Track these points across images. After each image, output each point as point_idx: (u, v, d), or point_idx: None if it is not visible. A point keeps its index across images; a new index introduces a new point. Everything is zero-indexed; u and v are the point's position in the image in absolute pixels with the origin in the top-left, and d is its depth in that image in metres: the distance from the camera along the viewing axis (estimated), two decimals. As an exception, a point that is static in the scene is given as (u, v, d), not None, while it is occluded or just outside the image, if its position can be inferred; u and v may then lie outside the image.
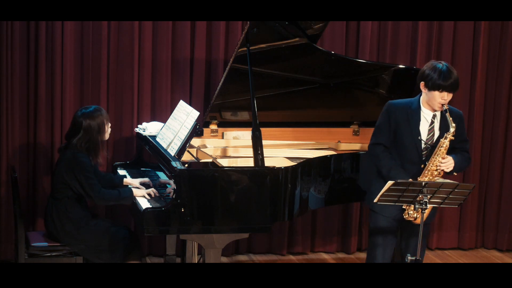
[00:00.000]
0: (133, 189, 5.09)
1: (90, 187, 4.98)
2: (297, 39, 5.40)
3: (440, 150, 4.68)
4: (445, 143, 4.68)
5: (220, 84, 5.35)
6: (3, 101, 5.79)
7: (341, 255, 6.65)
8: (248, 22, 5.01)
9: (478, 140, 6.74)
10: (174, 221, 4.67)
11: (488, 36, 6.64)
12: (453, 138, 4.68)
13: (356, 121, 6.01)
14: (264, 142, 5.00)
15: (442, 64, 4.71)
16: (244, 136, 5.75)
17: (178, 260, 5.74)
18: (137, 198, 5.03)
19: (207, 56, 6.16)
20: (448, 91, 4.67)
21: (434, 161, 4.69)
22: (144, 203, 4.90)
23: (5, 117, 5.81)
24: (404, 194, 4.42)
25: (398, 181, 4.43)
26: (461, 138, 4.84)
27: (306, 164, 5.04)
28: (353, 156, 5.40)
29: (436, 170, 4.70)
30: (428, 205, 4.44)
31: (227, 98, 5.63)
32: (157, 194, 5.06)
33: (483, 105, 6.73)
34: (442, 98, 4.68)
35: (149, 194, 5.05)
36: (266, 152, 5.06)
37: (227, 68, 5.25)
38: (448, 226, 6.83)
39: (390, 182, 4.39)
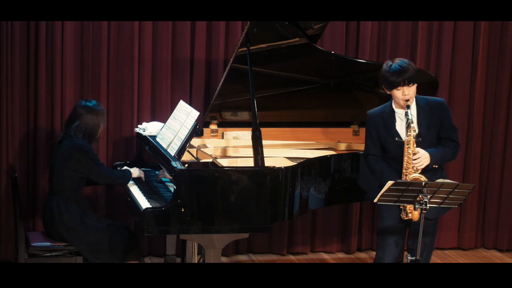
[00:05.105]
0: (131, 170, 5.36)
1: (98, 167, 5.12)
2: (297, 39, 5.40)
3: (408, 148, 4.67)
4: (410, 140, 4.66)
5: (220, 84, 5.36)
6: (3, 101, 5.79)
7: (341, 255, 6.65)
8: (248, 22, 5.01)
9: (478, 140, 6.74)
10: (174, 221, 4.67)
11: (488, 36, 6.64)
12: (415, 132, 4.66)
13: (356, 121, 6.01)
14: (264, 142, 4.99)
15: (393, 62, 4.71)
16: (244, 136, 5.75)
17: (178, 260, 5.74)
18: (137, 198, 5.03)
19: (207, 56, 6.16)
20: (405, 85, 4.67)
21: (407, 159, 4.69)
22: (144, 203, 4.91)
23: (5, 117, 5.81)
24: (404, 194, 4.42)
25: (398, 181, 4.43)
26: (446, 126, 4.82)
27: (306, 164, 5.04)
28: (353, 156, 5.40)
29: (412, 167, 4.69)
30: (428, 205, 4.44)
31: (227, 98, 5.63)
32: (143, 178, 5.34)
33: (483, 105, 6.73)
34: (403, 94, 4.69)
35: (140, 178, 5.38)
36: (266, 152, 5.06)
37: (227, 68, 5.25)
38: (448, 226, 6.83)
39: (390, 182, 4.39)
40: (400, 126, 4.78)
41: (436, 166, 4.79)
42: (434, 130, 4.78)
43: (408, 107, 4.67)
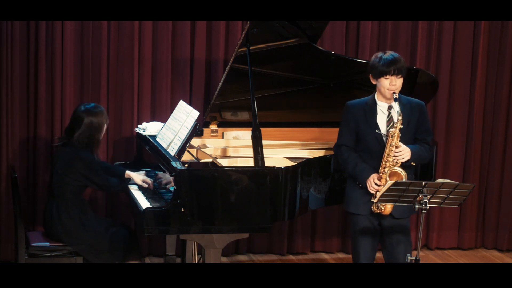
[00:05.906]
0: (132, 175, 5.28)
1: (98, 178, 5.08)
2: (297, 39, 5.40)
3: (392, 139, 4.68)
4: (396, 132, 4.67)
5: (220, 84, 5.35)
6: (3, 101, 5.80)
7: (341, 255, 6.65)
8: (248, 22, 5.01)
9: (478, 140, 6.74)
10: (174, 221, 4.67)
11: (488, 36, 6.64)
12: (401, 126, 4.66)
13: (356, 121, 6.00)
14: (264, 142, 5.00)
15: (384, 52, 4.73)
16: (244, 136, 5.75)
17: (178, 260, 5.74)
18: (137, 198, 5.04)
19: (207, 56, 6.16)
20: (394, 74, 4.68)
21: (389, 151, 4.68)
22: (144, 203, 4.91)
23: (5, 118, 5.82)
24: (404, 194, 4.42)
25: (398, 181, 4.44)
26: (423, 128, 4.84)
27: (306, 164, 5.04)
28: (353, 156, 5.39)
29: (392, 160, 4.69)
30: (428, 205, 4.44)
31: (227, 98, 5.63)
32: (151, 186, 5.18)
33: (483, 105, 6.73)
34: (390, 84, 4.69)
35: (145, 182, 5.20)
36: (266, 152, 5.06)
37: (227, 68, 5.25)
38: (448, 226, 6.83)
39: (390, 182, 4.39)
40: (381, 119, 4.79)
41: (414, 164, 4.80)
42: (412, 129, 4.80)
43: (395, 100, 4.67)
